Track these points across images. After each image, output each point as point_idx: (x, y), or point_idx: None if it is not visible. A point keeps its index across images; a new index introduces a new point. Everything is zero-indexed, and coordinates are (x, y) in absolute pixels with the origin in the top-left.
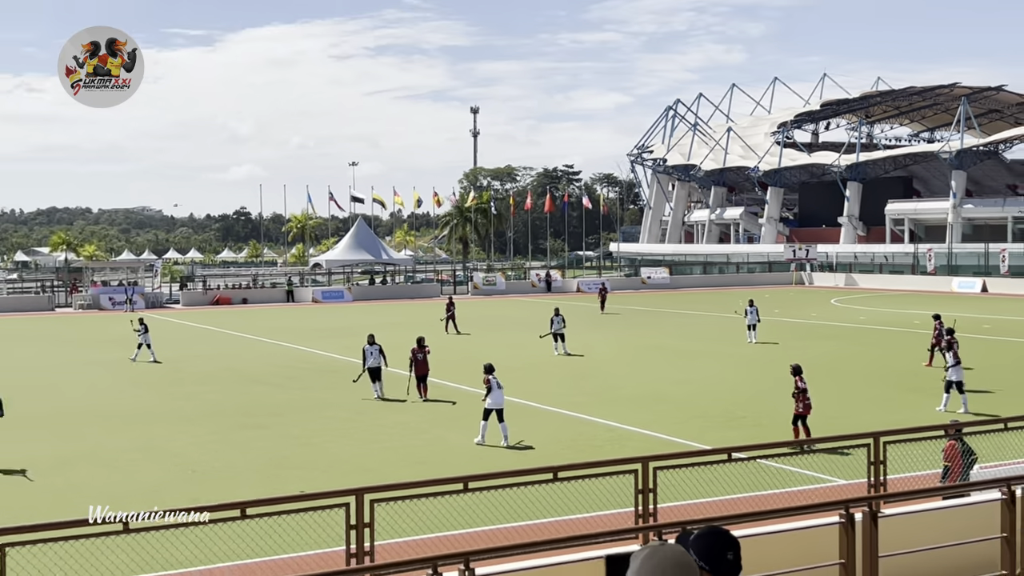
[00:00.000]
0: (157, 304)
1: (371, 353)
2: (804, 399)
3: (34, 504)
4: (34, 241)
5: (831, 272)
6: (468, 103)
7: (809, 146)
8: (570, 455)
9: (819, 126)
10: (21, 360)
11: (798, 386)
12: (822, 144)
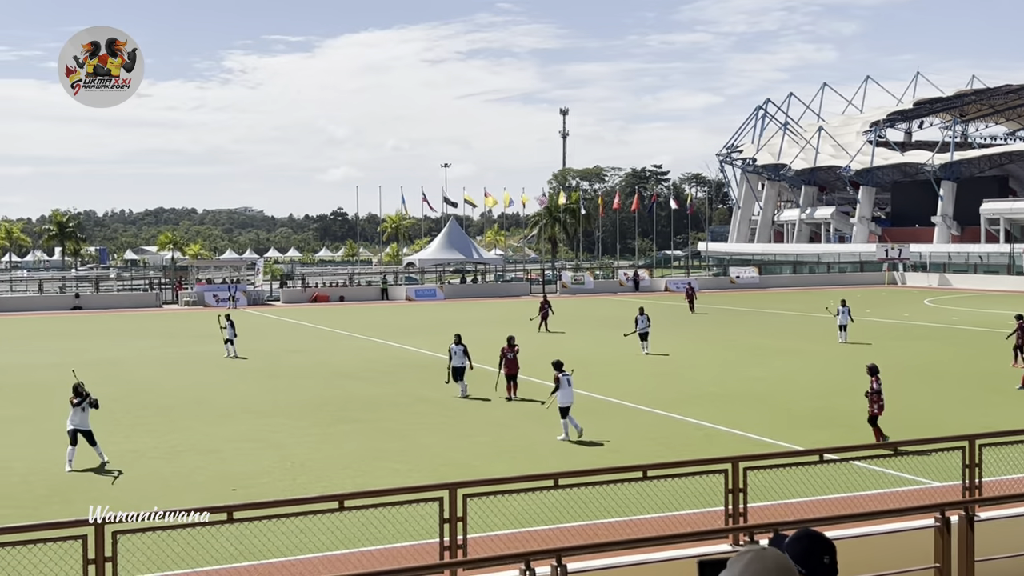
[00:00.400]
0: (258, 301)
1: (455, 353)
2: (878, 400)
3: (143, 493)
4: (142, 240)
5: (924, 272)
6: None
7: (902, 145)
8: (660, 453)
9: (912, 125)
10: (131, 355)
11: (872, 387)
12: (915, 143)
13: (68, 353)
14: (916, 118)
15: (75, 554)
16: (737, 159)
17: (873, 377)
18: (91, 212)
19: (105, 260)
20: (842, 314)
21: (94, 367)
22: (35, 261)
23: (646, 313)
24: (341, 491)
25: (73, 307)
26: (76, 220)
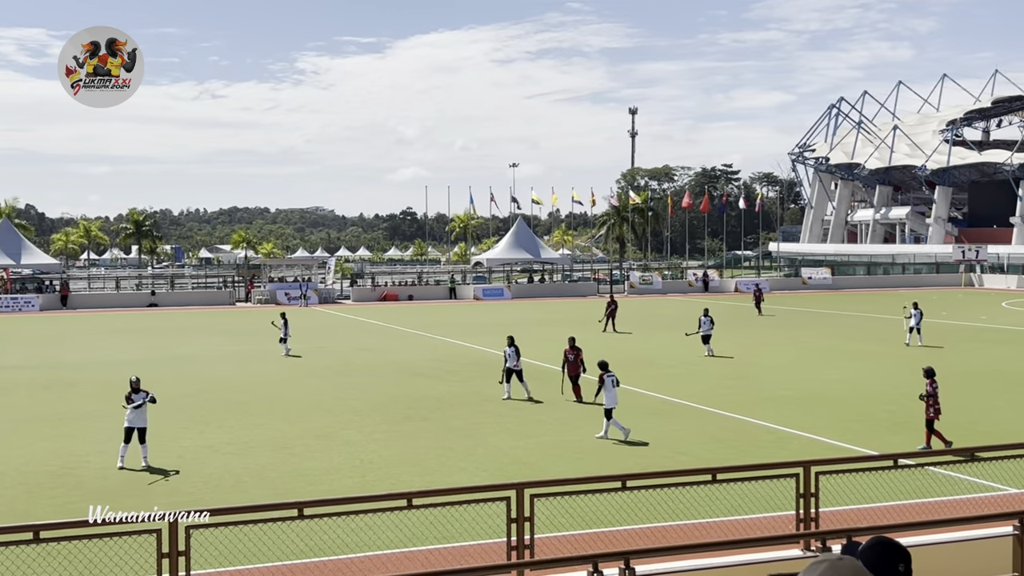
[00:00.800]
0: (329, 300)
1: (509, 356)
2: (934, 404)
3: (217, 488)
4: (216, 239)
5: (1002, 274)
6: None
7: (980, 144)
8: (729, 457)
9: (990, 124)
10: (205, 351)
11: (928, 390)
12: (993, 142)
13: (145, 349)
14: (994, 117)
15: (149, 548)
16: (810, 158)
17: (929, 380)
18: (167, 211)
19: (180, 258)
20: (914, 316)
21: (169, 363)
22: (112, 259)
23: (710, 315)
24: (409, 489)
25: (149, 304)
26: (152, 219)
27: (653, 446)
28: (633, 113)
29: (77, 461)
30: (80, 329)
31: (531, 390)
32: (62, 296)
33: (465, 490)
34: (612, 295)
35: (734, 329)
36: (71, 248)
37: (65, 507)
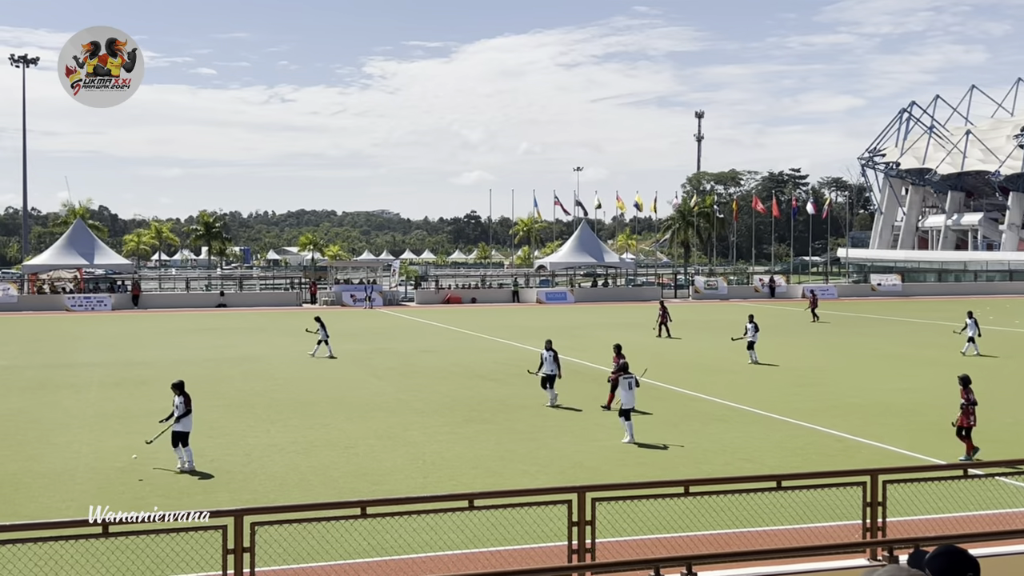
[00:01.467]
0: (393, 302)
1: (546, 359)
2: (972, 412)
3: (281, 486)
4: (284, 241)
5: None
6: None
7: None
8: (795, 464)
9: None
10: (272, 352)
11: (967, 398)
12: None
13: (213, 349)
14: None
15: (215, 543)
16: (880, 163)
17: (965, 388)
18: (236, 213)
19: (249, 260)
20: (969, 326)
21: (237, 363)
22: (183, 260)
23: (755, 321)
24: (471, 490)
25: (218, 304)
26: (222, 221)
27: (717, 452)
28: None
29: (147, 457)
30: (151, 328)
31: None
32: (133, 296)
33: (527, 492)
34: (663, 301)
35: (800, 336)
36: (143, 249)
37: (134, 503)
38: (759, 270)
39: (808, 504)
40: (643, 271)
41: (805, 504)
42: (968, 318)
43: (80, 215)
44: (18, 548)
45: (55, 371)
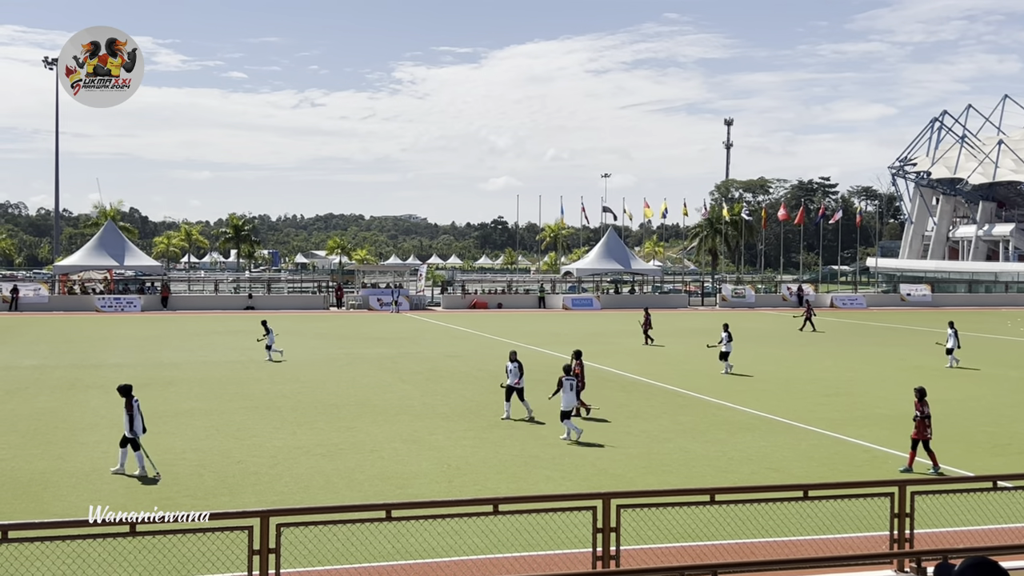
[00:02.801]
0: (420, 306)
1: (511, 371)
2: (926, 424)
3: (306, 488)
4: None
5: None
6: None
7: None
8: (822, 474)
9: None
10: (299, 354)
11: (923, 411)
12: None
13: (241, 351)
14: None
15: (241, 544)
16: (911, 172)
17: (920, 400)
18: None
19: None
20: (950, 338)
21: (265, 365)
22: (212, 262)
23: (729, 331)
24: (496, 495)
25: (246, 307)
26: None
27: (743, 461)
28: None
29: (174, 458)
30: (179, 330)
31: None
32: (163, 297)
33: (551, 498)
34: (647, 308)
35: (827, 346)
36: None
37: (162, 503)
38: (787, 279)
39: (835, 514)
40: (670, 278)
41: (832, 514)
42: (949, 328)
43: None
44: (47, 546)
45: (84, 371)
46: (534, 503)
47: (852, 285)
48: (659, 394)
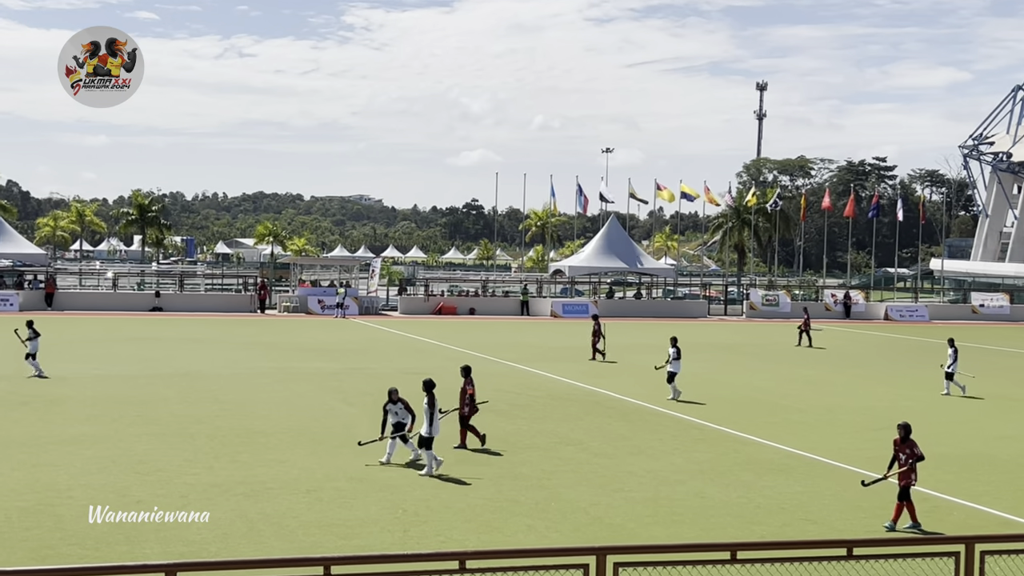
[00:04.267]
0: (372, 310)
1: (393, 413)
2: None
3: (224, 538)
4: (237, 231)
5: None
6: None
7: None
8: (870, 527)
9: None
10: (218, 368)
11: (913, 452)
12: None
13: (145, 363)
14: None
15: None
16: (987, 153)
17: (904, 438)
18: (178, 195)
19: (192, 253)
20: (950, 359)
21: (175, 381)
22: (110, 251)
23: (679, 346)
24: (463, 548)
25: (152, 308)
26: (160, 204)
27: (773, 510)
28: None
29: (56, 496)
30: (67, 335)
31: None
32: (47, 294)
33: (533, 553)
34: (596, 316)
35: (880, 367)
36: (60, 236)
37: (40, 552)
38: (831, 284)
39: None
40: (686, 280)
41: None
42: (949, 347)
43: None
44: None
45: None
46: (511, 559)
47: (912, 293)
48: (670, 425)
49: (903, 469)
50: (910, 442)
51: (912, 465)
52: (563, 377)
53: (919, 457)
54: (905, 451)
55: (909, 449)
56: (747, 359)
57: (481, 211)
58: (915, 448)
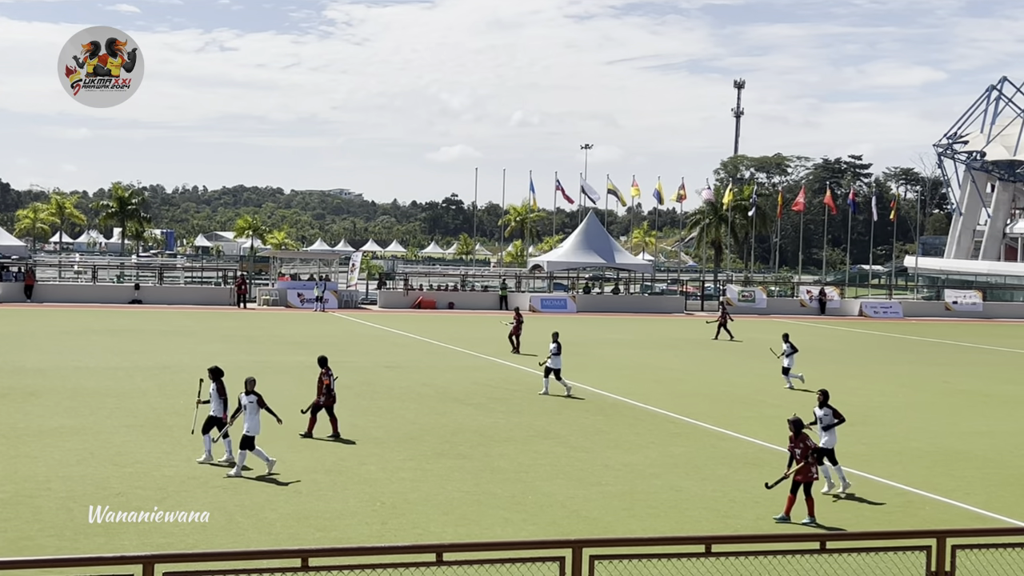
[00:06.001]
0: (351, 304)
1: (245, 406)
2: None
3: (203, 528)
4: (217, 224)
5: None
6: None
7: None
8: (844, 520)
9: None
10: (197, 361)
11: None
12: None
13: (124, 355)
14: None
15: None
16: (961, 152)
17: (797, 433)
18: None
19: (172, 246)
20: (785, 352)
21: (153, 374)
22: (90, 243)
23: (559, 341)
24: (440, 540)
25: (132, 300)
26: (140, 197)
27: (747, 504)
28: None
29: (35, 488)
30: (47, 327)
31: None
32: (26, 286)
33: (509, 546)
34: (518, 309)
35: (853, 364)
36: (40, 228)
37: (18, 543)
38: (807, 280)
39: (859, 571)
40: (663, 276)
41: (855, 571)
42: (784, 342)
43: None
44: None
45: None
46: (488, 551)
47: (886, 290)
48: (646, 419)
49: (801, 465)
50: (803, 436)
51: (810, 460)
52: (541, 371)
53: (813, 449)
54: (800, 446)
55: (803, 443)
56: (723, 354)
57: (461, 206)
58: (808, 441)
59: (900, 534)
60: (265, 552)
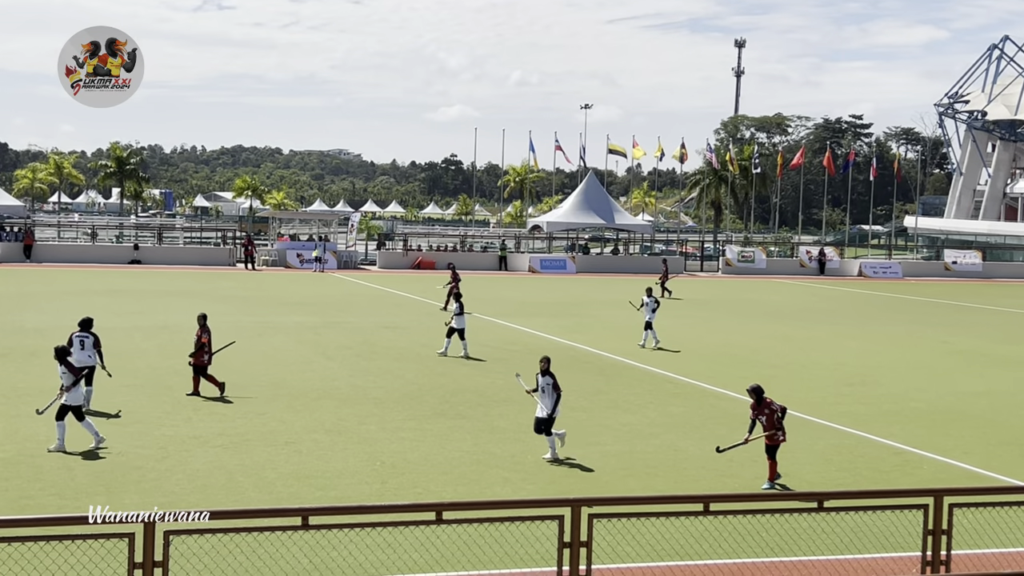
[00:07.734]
0: (350, 264)
1: (80, 344)
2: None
3: (204, 488)
4: (216, 184)
5: None
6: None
7: None
8: (841, 480)
9: None
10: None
11: (771, 409)
12: None
13: (123, 315)
14: None
15: (120, 555)
16: (962, 112)
17: (758, 399)
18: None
19: (171, 206)
20: (646, 307)
21: (153, 334)
22: (88, 203)
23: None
24: (439, 500)
25: (131, 261)
26: (139, 156)
27: (745, 463)
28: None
29: (36, 447)
30: (46, 287)
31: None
32: (25, 246)
33: (508, 504)
34: (452, 264)
35: (853, 324)
36: (38, 188)
37: (19, 502)
38: (807, 240)
39: (857, 530)
40: (663, 237)
41: (853, 530)
42: (646, 295)
43: None
44: None
45: None
46: (487, 510)
47: (886, 250)
48: (645, 379)
49: (769, 432)
50: (765, 402)
51: (778, 424)
52: (540, 332)
53: (781, 411)
54: (764, 413)
55: (768, 409)
56: (722, 315)
57: (460, 166)
58: (772, 405)
59: (898, 493)
60: (266, 511)
